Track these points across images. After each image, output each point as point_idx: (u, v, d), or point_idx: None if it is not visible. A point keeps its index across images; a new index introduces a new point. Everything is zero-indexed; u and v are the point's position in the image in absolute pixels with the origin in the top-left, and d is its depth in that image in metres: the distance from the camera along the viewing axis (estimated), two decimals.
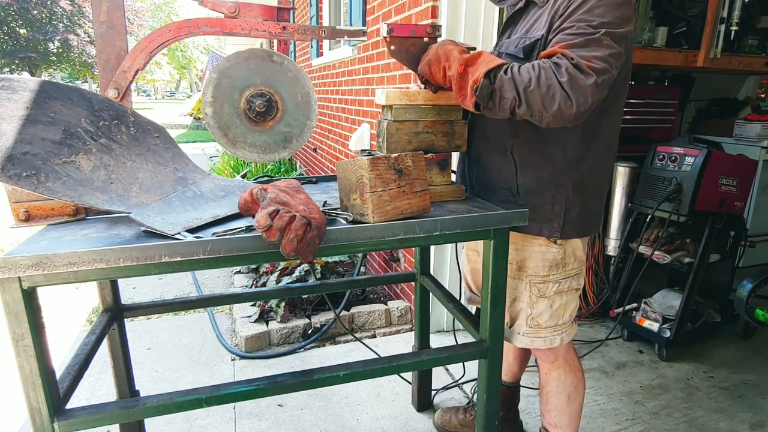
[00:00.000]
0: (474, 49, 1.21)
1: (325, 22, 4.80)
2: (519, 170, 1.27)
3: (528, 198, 1.27)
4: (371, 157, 1.09)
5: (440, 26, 1.30)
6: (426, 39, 1.29)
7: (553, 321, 1.36)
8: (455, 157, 1.53)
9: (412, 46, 1.29)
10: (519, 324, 1.39)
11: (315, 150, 5.18)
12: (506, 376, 1.79)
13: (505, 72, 1.09)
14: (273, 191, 1.05)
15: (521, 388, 1.90)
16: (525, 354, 1.77)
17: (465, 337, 1.85)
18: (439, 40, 1.30)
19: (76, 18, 19.14)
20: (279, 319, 2.53)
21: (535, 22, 1.23)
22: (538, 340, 1.38)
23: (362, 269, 3.01)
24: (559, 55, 1.07)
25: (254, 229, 0.98)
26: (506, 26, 1.37)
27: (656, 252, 2.45)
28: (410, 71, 1.36)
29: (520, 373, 1.82)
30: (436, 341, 2.41)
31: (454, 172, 1.54)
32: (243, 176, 1.60)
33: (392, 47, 1.29)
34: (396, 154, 1.12)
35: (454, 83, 1.15)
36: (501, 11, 2.19)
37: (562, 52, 1.07)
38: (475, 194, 1.41)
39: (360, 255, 2.91)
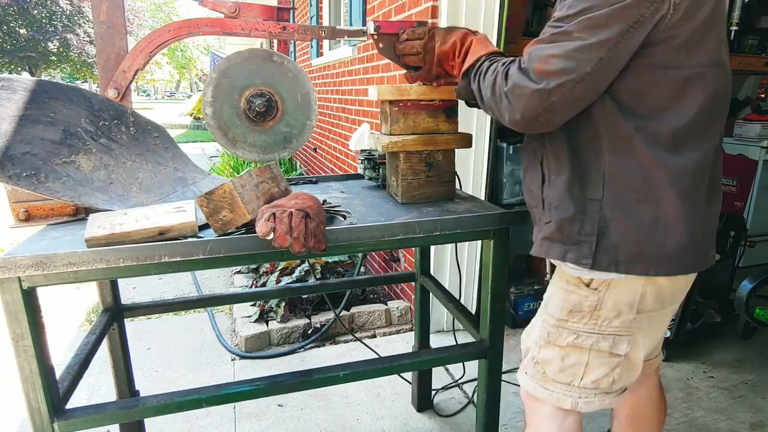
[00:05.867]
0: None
1: (325, 22, 4.80)
2: (546, 183, 1.04)
3: (554, 214, 1.02)
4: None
5: (426, 22, 1.30)
6: None
7: (565, 377, 1.08)
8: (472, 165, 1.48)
9: None
10: (525, 363, 1.17)
11: (315, 150, 5.18)
12: None
13: (474, 75, 1.06)
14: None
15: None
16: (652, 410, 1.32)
17: (465, 337, 1.85)
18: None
19: (76, 18, 19.14)
20: (279, 319, 2.53)
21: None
22: (543, 390, 1.11)
23: (362, 269, 3.01)
24: (521, 55, 0.97)
25: (254, 230, 0.98)
26: None
27: None
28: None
29: None
30: (436, 341, 2.41)
31: None
32: None
33: (380, 45, 1.29)
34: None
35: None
36: (501, 11, 2.19)
37: (527, 50, 0.95)
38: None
39: (360, 255, 2.91)
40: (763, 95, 4.09)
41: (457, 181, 1.42)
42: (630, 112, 0.92)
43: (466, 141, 1.34)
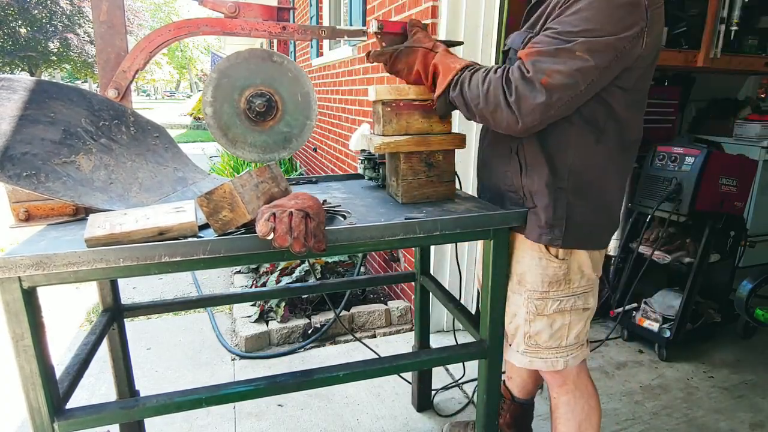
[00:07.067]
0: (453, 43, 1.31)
1: (325, 22, 4.80)
2: (524, 172, 1.20)
3: (534, 201, 1.20)
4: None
5: (427, 24, 1.31)
6: None
7: (554, 342, 1.27)
8: (472, 165, 1.49)
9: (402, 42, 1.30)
10: (518, 341, 1.31)
11: (315, 150, 5.18)
12: (520, 393, 1.71)
13: (454, 87, 1.15)
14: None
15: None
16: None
17: (465, 337, 1.85)
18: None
19: (76, 18, 19.15)
20: (279, 319, 2.53)
21: (540, 17, 1.18)
22: (537, 360, 1.29)
23: (362, 269, 3.01)
24: (519, 65, 1.05)
25: (254, 230, 0.98)
26: (524, 20, 1.29)
27: (656, 252, 2.45)
28: None
29: (535, 390, 1.72)
30: (436, 341, 2.41)
31: None
32: None
33: (383, 44, 1.30)
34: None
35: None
36: (502, 10, 2.19)
37: (525, 60, 1.04)
38: (488, 200, 1.36)
39: (360, 255, 2.91)
40: (763, 95, 4.09)
41: (457, 181, 1.42)
42: (594, 122, 1.12)
43: (460, 141, 1.33)
